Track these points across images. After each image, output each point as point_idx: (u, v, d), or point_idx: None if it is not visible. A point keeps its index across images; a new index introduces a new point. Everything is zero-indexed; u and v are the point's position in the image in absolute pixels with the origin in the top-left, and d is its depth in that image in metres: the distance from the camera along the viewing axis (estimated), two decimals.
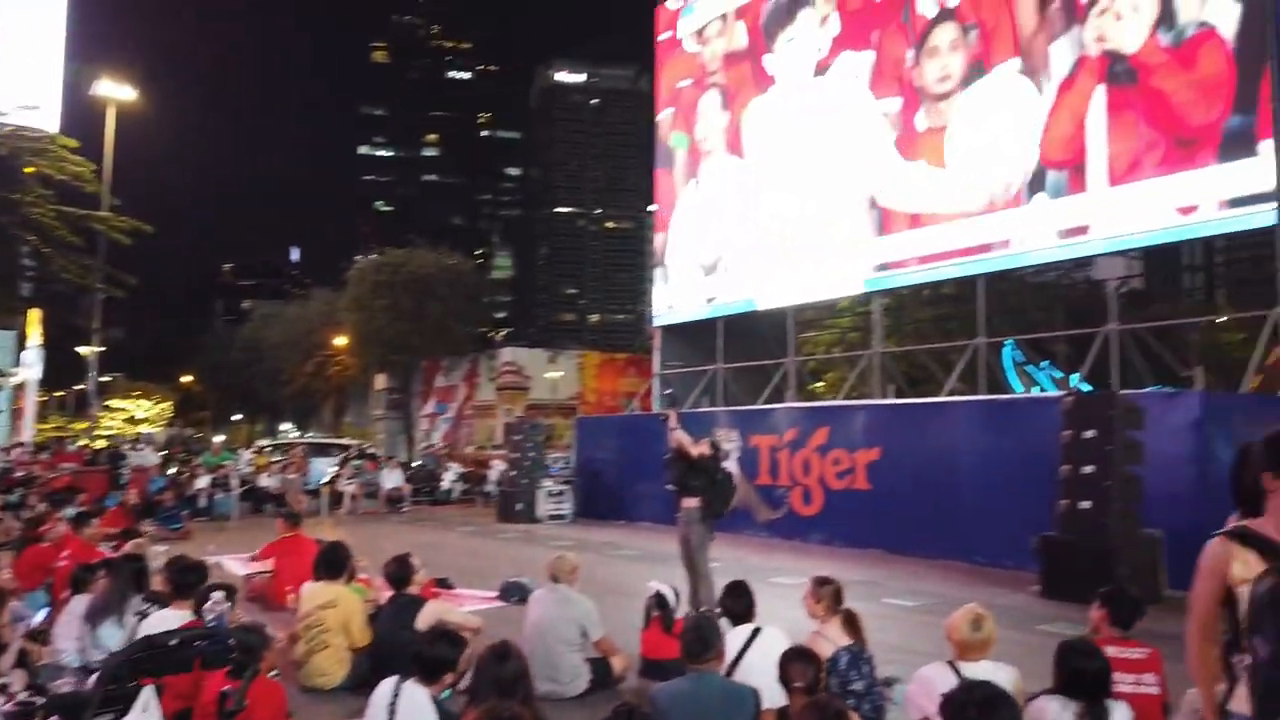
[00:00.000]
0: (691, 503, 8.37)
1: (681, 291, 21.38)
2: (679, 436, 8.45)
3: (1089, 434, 9.80)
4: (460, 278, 42.78)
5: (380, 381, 46.45)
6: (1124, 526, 9.43)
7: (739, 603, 5.26)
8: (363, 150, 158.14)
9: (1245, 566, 2.43)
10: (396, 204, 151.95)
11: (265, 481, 21.10)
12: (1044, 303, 20.33)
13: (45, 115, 25.22)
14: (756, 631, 4.98)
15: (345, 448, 27.75)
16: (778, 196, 18.89)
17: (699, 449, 8.51)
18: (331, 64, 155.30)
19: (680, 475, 8.51)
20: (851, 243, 17.19)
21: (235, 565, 11.04)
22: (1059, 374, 18.42)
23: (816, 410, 16.23)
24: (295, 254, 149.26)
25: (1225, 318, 17.55)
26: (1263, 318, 12.60)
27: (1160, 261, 21.64)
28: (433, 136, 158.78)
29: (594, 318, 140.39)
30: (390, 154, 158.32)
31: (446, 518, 19.81)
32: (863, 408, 15.31)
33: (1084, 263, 17.21)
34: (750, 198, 19.52)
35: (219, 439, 41.59)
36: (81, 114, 27.45)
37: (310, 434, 47.66)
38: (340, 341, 45.59)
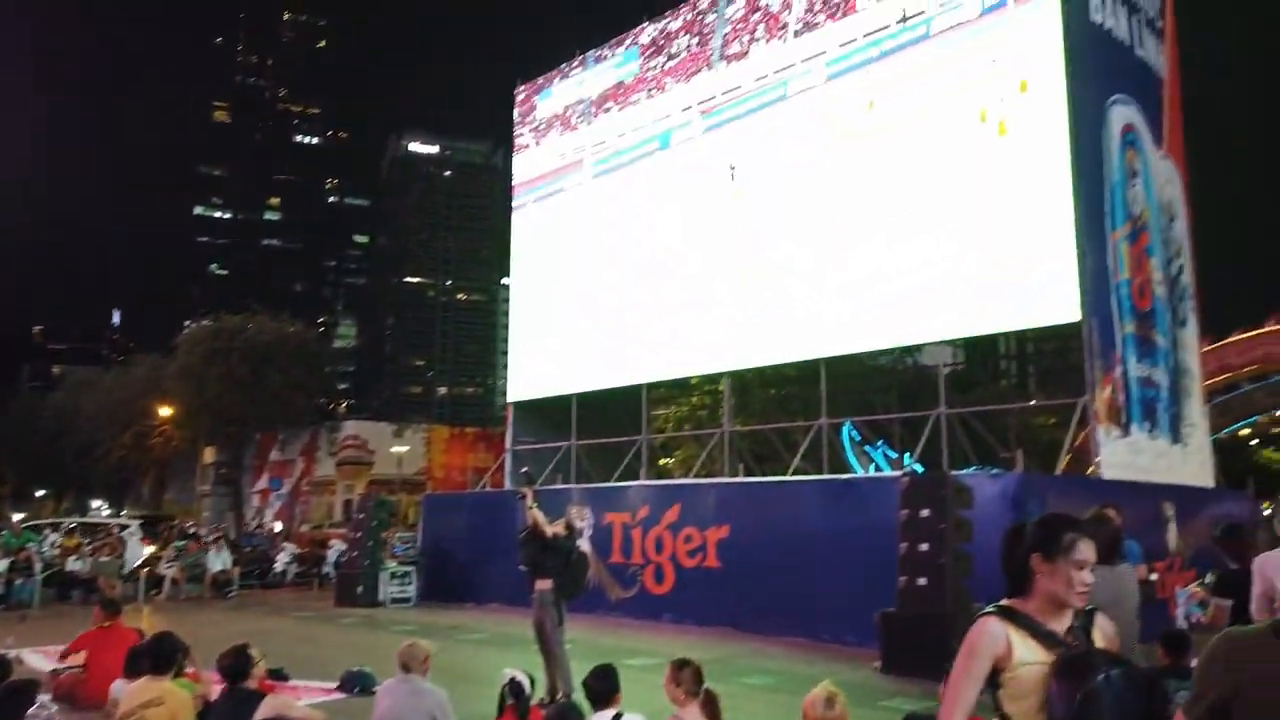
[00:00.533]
0: (545, 584, 8.27)
1: (536, 367, 21.38)
2: (535, 515, 8.37)
3: (924, 513, 10.36)
4: (301, 346, 41.16)
5: (209, 455, 43.63)
6: (958, 602, 9.94)
7: (603, 683, 5.20)
8: (199, 211, 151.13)
9: (1029, 650, 2.40)
10: (233, 268, 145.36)
11: (73, 565, 19.27)
12: (880, 385, 21.51)
13: None
14: (618, 717, 4.92)
15: (168, 526, 25.77)
16: (633, 277, 19.34)
17: (554, 528, 8.45)
18: (167, 120, 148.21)
19: (534, 555, 8.40)
20: (703, 323, 17.75)
21: (40, 660, 9.98)
22: (893, 454, 19.41)
23: (669, 488, 16.43)
24: (116, 317, 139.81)
25: (1036, 404, 19.07)
26: (1071, 404, 13.78)
27: (979, 351, 23.47)
28: (275, 200, 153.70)
29: (442, 391, 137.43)
30: (228, 216, 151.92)
31: (280, 603, 18.64)
32: (713, 486, 15.62)
33: (913, 349, 18.45)
34: (606, 277, 19.90)
35: (18, 517, 37.81)
36: None
37: (126, 511, 44.03)
38: (166, 412, 42.68)
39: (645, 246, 19.26)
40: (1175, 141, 17.23)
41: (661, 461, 24.02)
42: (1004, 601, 2.54)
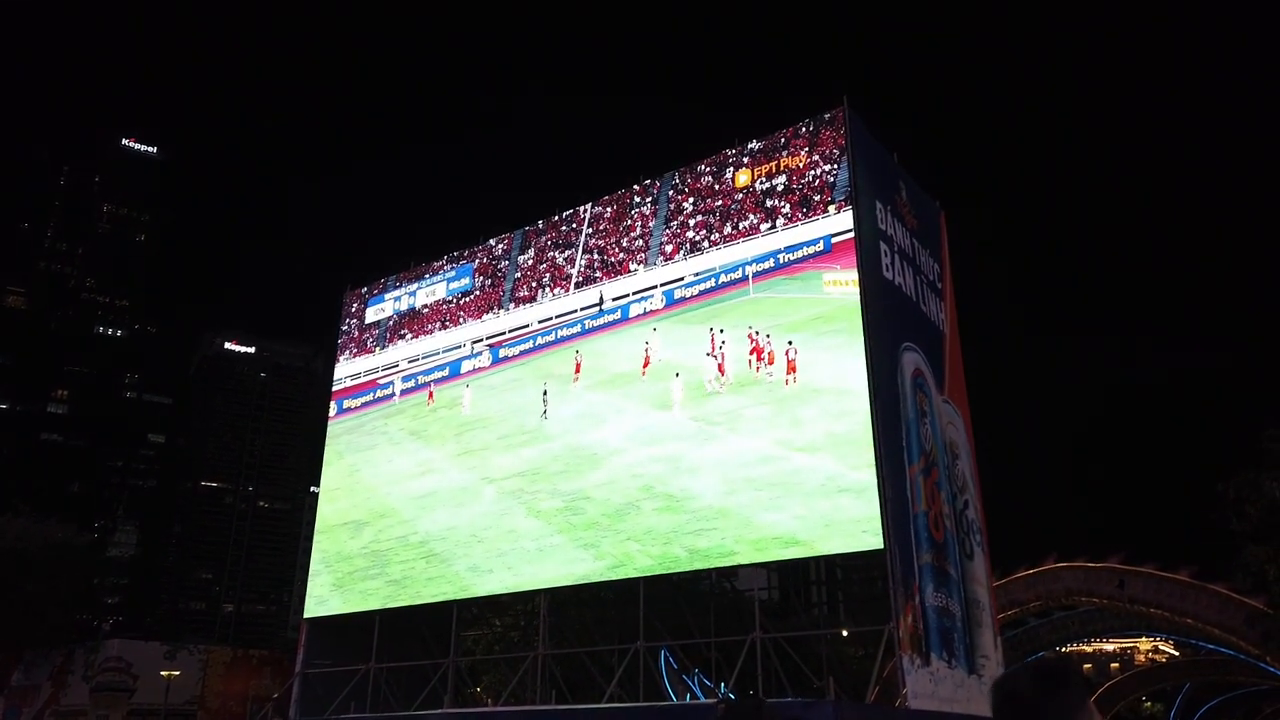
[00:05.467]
0: None
1: (337, 582, 19.99)
2: None
3: None
4: (67, 554, 36.78)
5: None
6: None
7: None
8: None
9: None
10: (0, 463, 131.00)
11: None
12: (698, 608, 21.40)
13: None
14: None
15: None
16: (442, 493, 18.90)
17: None
18: None
19: None
20: (515, 542, 17.43)
21: None
22: (709, 684, 19.06)
23: (476, 716, 15.29)
24: None
25: (847, 633, 19.49)
26: (879, 631, 14.16)
27: (793, 578, 24.04)
28: (63, 393, 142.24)
29: (229, 608, 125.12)
30: (3, 407, 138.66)
31: None
32: (525, 714, 14.68)
33: (728, 573, 18.67)
34: (416, 489, 19.33)
35: None
36: None
37: None
38: None
39: (482, 455, 19.04)
40: (957, 387, 19.15)
41: (467, 691, 22.46)
42: None
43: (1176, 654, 38.24)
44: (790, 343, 16.07)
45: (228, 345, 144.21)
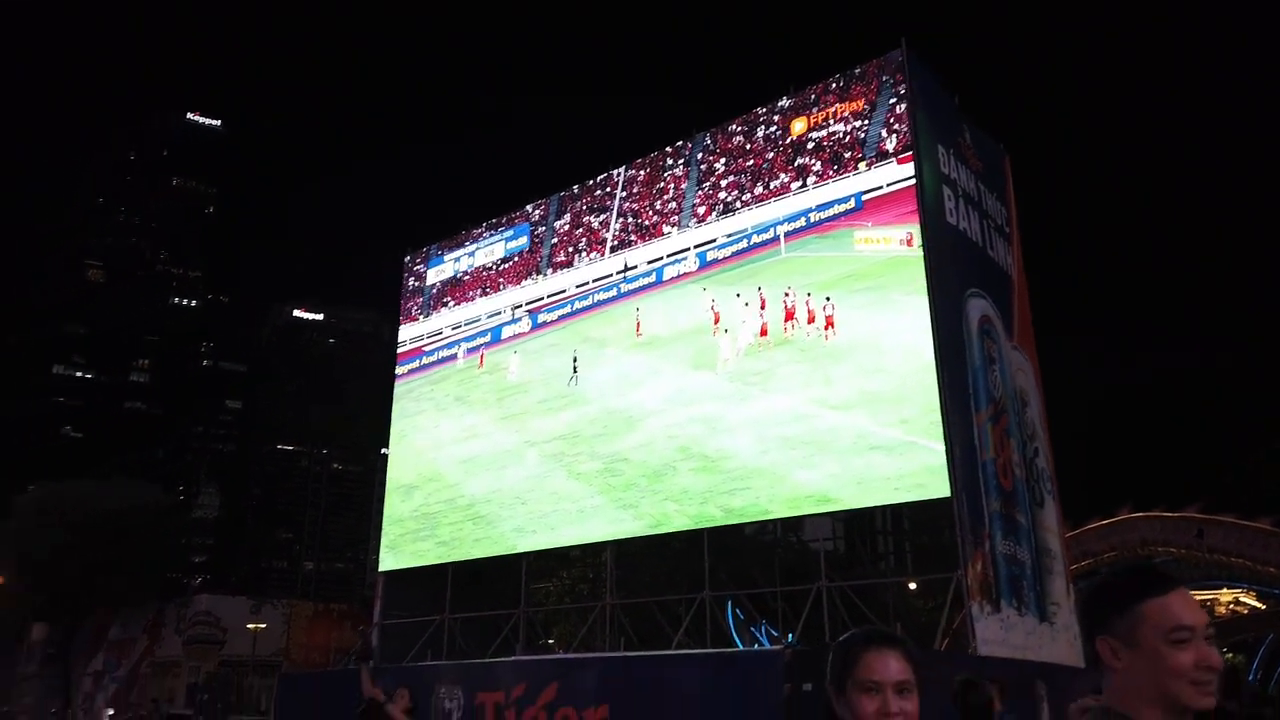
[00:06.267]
0: None
1: (410, 537, 20.58)
2: (370, 688, 8.04)
3: (807, 686, 10.19)
4: (157, 516, 38.54)
5: (38, 632, 39.42)
6: None
7: None
8: (58, 370, 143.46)
9: None
10: (89, 431, 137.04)
11: None
12: (763, 561, 21.57)
13: None
14: None
15: None
16: (511, 448, 19.23)
17: (399, 700, 8.08)
18: (33, 276, 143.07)
19: None
20: (557, 503, 17.93)
21: None
22: (775, 633, 19.25)
23: (545, 664, 15.68)
24: None
25: (913, 578, 19.45)
26: (947, 579, 14.10)
27: (859, 529, 23.98)
28: (143, 362, 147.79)
29: (309, 566, 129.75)
30: (89, 376, 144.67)
31: None
32: (592, 661, 15.03)
33: (793, 525, 18.73)
34: (484, 447, 19.70)
35: None
36: None
37: None
38: None
39: (523, 420, 19.35)
40: (1025, 334, 18.73)
41: (540, 643, 23.05)
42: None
43: (1259, 605, 37.33)
44: (828, 298, 16.13)
45: (296, 313, 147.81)
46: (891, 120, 16.53)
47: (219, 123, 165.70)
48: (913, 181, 15.72)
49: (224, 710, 16.64)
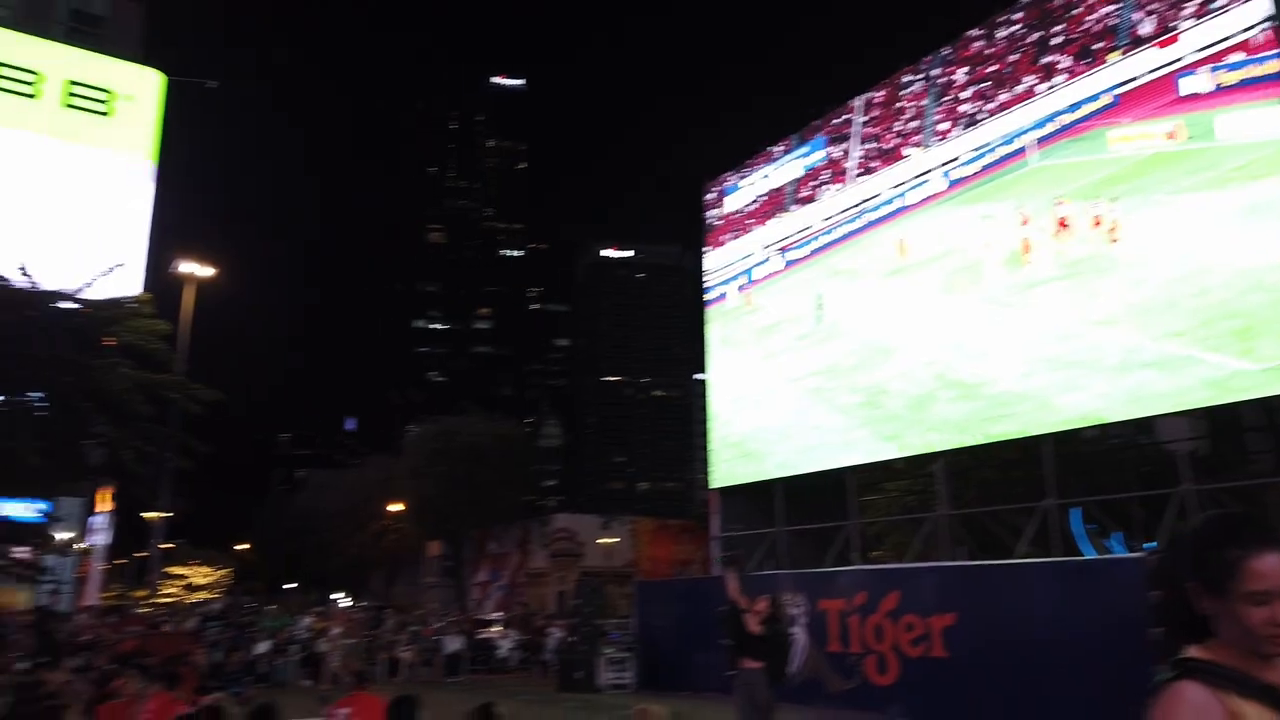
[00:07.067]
0: (752, 665, 8.18)
1: (738, 455, 21.55)
2: (738, 595, 8.43)
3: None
4: (511, 446, 43.36)
5: (433, 549, 46.37)
6: None
7: None
8: (417, 324, 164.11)
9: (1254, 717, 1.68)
10: (449, 375, 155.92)
11: (323, 646, 20.96)
12: (1111, 465, 20.07)
13: (128, 284, 23.81)
14: None
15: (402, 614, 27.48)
16: (836, 360, 19.36)
17: (759, 605, 8.47)
18: (386, 244, 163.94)
19: (736, 632, 8.36)
20: (822, 436, 18.34)
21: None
22: (1130, 543, 18.01)
23: (886, 573, 15.97)
24: (351, 424, 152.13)
25: None
26: None
27: (1225, 429, 21.36)
28: (485, 310, 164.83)
29: (643, 486, 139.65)
30: (443, 327, 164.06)
31: (505, 686, 19.40)
32: (934, 570, 15.06)
33: (1145, 426, 17.24)
34: (809, 362, 20.00)
35: (271, 609, 41.37)
36: (159, 292, 26.84)
37: (364, 602, 47.30)
38: (395, 509, 45.96)
39: (842, 332, 19.32)
40: None
41: (872, 553, 23.30)
42: (1192, 653, 1.78)
43: None
44: (1097, 206, 14.54)
45: (604, 252, 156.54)
46: (1145, 1, 14.48)
47: (523, 81, 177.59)
48: (1175, 66, 13.92)
49: (594, 614, 18.83)
